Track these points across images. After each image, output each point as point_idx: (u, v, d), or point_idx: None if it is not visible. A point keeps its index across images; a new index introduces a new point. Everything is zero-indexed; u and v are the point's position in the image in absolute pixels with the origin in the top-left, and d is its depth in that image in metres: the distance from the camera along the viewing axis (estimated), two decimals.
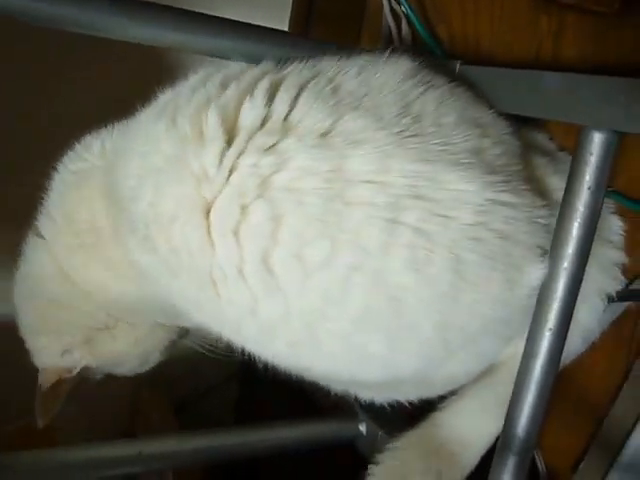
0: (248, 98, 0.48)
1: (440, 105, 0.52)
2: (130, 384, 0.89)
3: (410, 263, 0.47)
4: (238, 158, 0.46)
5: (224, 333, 0.54)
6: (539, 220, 0.54)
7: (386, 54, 0.55)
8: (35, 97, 0.85)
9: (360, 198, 0.46)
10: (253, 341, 0.53)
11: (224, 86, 0.50)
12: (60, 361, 0.62)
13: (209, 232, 0.47)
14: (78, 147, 0.60)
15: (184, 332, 0.67)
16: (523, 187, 0.53)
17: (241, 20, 0.61)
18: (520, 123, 0.65)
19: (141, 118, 0.55)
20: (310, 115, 0.47)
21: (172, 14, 0.56)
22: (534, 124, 0.68)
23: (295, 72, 0.52)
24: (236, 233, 0.46)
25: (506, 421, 0.57)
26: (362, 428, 0.72)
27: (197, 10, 0.59)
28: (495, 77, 0.60)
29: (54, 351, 0.62)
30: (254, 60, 0.58)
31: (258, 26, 0.62)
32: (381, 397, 0.67)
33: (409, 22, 0.75)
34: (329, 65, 0.53)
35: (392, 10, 0.78)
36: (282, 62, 0.55)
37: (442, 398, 0.65)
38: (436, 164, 0.48)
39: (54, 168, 0.60)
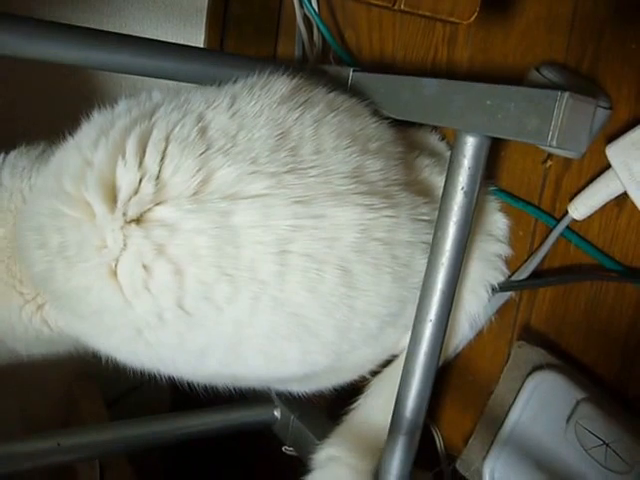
0: (120, 159, 0.50)
1: (319, 126, 0.55)
2: (64, 377, 0.92)
3: (305, 284, 0.53)
4: (126, 229, 0.50)
5: (162, 370, 0.60)
6: (422, 217, 0.59)
7: (261, 76, 0.58)
8: None
9: (248, 241, 0.50)
10: (190, 369, 0.60)
11: (96, 145, 0.52)
12: None
13: (122, 292, 0.51)
14: None
15: None
16: (402, 195, 0.58)
17: (156, 33, 0.64)
18: (416, 124, 0.69)
19: (30, 206, 0.58)
20: (180, 172, 0.50)
21: (75, 32, 0.59)
22: (429, 125, 0.72)
23: (164, 116, 0.53)
24: (148, 288, 0.51)
25: (395, 404, 0.62)
26: (277, 413, 0.77)
27: (107, 29, 0.61)
28: (383, 83, 0.64)
29: None
30: (173, 77, 0.62)
31: (170, 43, 0.64)
32: (300, 389, 0.73)
33: (319, 28, 0.79)
34: (198, 99, 0.55)
35: (304, 17, 0.81)
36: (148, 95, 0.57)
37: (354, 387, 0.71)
38: (316, 200, 0.52)
39: None
